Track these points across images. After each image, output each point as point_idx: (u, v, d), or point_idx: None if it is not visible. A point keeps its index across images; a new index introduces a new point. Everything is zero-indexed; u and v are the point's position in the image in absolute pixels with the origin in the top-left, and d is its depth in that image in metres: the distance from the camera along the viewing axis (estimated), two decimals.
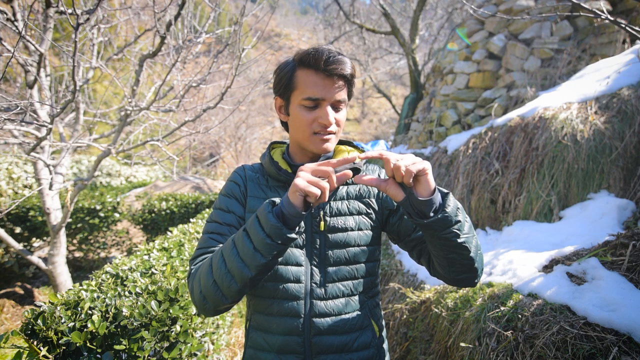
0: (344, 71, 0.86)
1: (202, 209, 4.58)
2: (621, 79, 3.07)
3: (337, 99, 0.88)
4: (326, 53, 0.86)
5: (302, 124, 0.90)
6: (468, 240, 0.79)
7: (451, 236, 0.76)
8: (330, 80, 0.87)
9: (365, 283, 0.96)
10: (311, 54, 0.87)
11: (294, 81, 0.90)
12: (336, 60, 0.85)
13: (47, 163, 2.49)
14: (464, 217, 0.79)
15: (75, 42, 1.67)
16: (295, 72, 0.90)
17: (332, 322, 0.91)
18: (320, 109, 0.88)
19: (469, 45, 5.58)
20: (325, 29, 12.48)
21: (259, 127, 15.59)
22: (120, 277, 1.54)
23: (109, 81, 4.19)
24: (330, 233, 0.93)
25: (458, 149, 4.08)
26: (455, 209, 0.76)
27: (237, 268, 0.77)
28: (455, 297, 2.11)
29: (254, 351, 0.96)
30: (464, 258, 0.80)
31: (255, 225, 0.76)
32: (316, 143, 0.91)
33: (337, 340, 0.91)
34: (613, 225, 2.23)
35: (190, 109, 3.50)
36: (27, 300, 3.77)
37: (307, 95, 0.87)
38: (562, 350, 1.35)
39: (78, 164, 8.95)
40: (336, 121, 0.91)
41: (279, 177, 0.96)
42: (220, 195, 1.03)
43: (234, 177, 1.02)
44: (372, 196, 0.99)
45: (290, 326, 0.90)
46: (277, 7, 10.79)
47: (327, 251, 0.92)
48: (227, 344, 2.52)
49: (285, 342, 0.90)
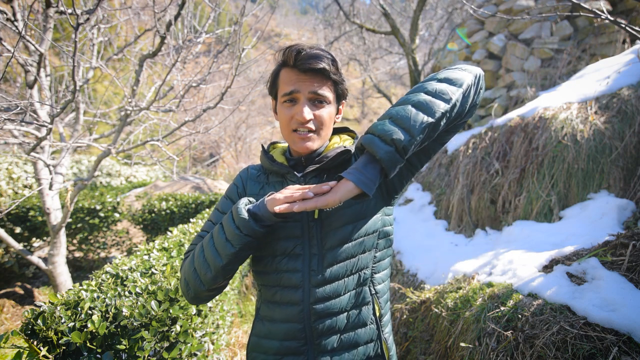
0: (316, 65, 0.85)
1: (202, 209, 4.58)
2: (621, 79, 3.07)
3: (312, 91, 0.87)
4: (299, 49, 0.86)
5: (284, 121, 0.91)
6: (407, 122, 0.74)
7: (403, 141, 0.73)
8: (304, 75, 0.87)
9: (365, 259, 0.94)
10: (285, 52, 0.88)
11: (277, 81, 0.93)
12: (309, 55, 0.85)
13: (47, 163, 2.49)
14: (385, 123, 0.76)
15: (75, 42, 1.67)
16: (279, 72, 0.92)
17: (332, 305, 0.91)
18: (297, 105, 0.88)
19: (469, 45, 5.58)
20: (325, 29, 12.47)
21: (259, 127, 15.58)
22: (120, 277, 1.54)
23: (109, 81, 4.19)
24: (326, 219, 0.92)
25: (458, 149, 4.08)
26: (372, 141, 0.75)
27: (212, 256, 0.85)
28: (455, 297, 2.11)
29: (257, 339, 0.98)
30: (430, 126, 0.75)
31: (229, 217, 0.85)
32: (296, 142, 0.91)
33: (337, 320, 0.92)
34: (613, 225, 2.23)
35: (190, 109, 3.49)
36: (27, 300, 3.77)
37: (284, 92, 0.89)
38: (562, 350, 1.35)
39: (78, 164, 8.94)
40: (316, 117, 0.89)
41: (272, 167, 0.97)
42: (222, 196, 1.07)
43: (235, 179, 1.07)
44: None
45: (291, 314, 0.91)
46: (277, 7, 10.80)
47: (324, 237, 0.92)
48: (227, 344, 2.52)
49: (287, 330, 0.92)
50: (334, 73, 0.89)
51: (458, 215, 3.53)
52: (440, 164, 4.37)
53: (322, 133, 0.92)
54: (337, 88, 0.94)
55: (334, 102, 0.94)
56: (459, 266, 2.54)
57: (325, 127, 0.92)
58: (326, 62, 0.86)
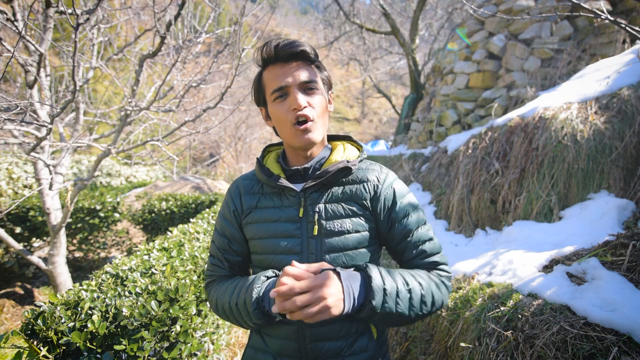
0: (297, 49, 0.85)
1: (202, 209, 4.58)
2: (621, 79, 3.07)
3: (301, 79, 0.86)
4: (275, 42, 0.86)
5: (280, 119, 0.89)
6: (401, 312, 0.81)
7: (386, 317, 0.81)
8: (288, 65, 0.87)
9: None
10: (263, 49, 0.88)
11: (262, 84, 0.92)
12: (287, 43, 0.86)
13: (47, 163, 2.49)
14: (395, 297, 0.81)
15: (75, 42, 1.67)
16: (262, 75, 0.92)
17: (328, 329, 0.89)
18: (290, 96, 0.87)
19: (469, 45, 5.58)
20: (325, 29, 12.48)
21: (259, 127, 15.57)
22: (120, 277, 1.54)
23: (109, 81, 4.19)
24: (326, 237, 0.89)
25: (458, 149, 4.08)
26: (380, 302, 0.79)
27: (238, 323, 0.91)
28: (455, 297, 2.11)
29: (253, 351, 0.97)
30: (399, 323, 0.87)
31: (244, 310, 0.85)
32: (298, 136, 0.88)
33: (334, 345, 0.90)
34: (613, 225, 2.23)
35: (190, 109, 3.49)
36: (27, 300, 3.76)
37: (272, 89, 0.88)
38: (562, 350, 1.35)
39: (78, 164, 8.94)
40: (310, 105, 0.88)
41: (270, 183, 0.93)
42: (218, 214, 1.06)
43: (226, 196, 1.05)
44: (368, 198, 0.94)
45: (287, 332, 0.90)
46: (277, 7, 10.78)
47: (324, 256, 0.89)
48: (227, 344, 2.52)
49: (283, 346, 0.91)
50: (315, 56, 0.90)
51: (458, 215, 3.53)
52: (440, 164, 4.37)
53: (319, 121, 0.90)
54: (322, 74, 0.93)
55: (323, 89, 0.93)
56: (459, 266, 2.54)
57: (321, 114, 0.90)
58: (305, 46, 0.87)
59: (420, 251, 0.94)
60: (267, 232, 0.93)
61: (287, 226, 0.91)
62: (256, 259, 0.97)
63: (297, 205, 0.92)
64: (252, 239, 0.96)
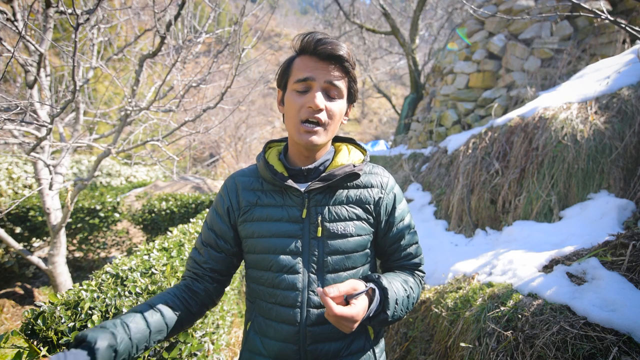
0: (335, 51, 0.83)
1: (202, 209, 4.58)
2: (621, 79, 3.07)
3: (328, 80, 0.85)
4: (320, 36, 0.85)
5: (291, 110, 0.88)
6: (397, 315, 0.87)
7: None
8: (322, 63, 0.85)
9: None
10: (305, 38, 0.86)
11: (290, 69, 0.90)
12: (330, 41, 0.84)
13: (47, 163, 2.49)
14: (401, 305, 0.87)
15: (75, 42, 1.67)
16: (294, 60, 0.90)
17: (328, 330, 0.89)
18: (310, 93, 0.85)
19: (469, 45, 5.58)
20: (325, 29, 12.47)
21: (259, 127, 15.58)
22: (120, 277, 1.54)
23: (109, 81, 4.19)
24: (329, 239, 0.89)
25: (458, 149, 4.08)
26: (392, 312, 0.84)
27: None
28: (455, 297, 2.11)
29: (250, 354, 0.95)
30: None
31: None
32: (301, 133, 0.86)
33: (332, 346, 0.90)
34: (613, 225, 2.23)
35: (190, 109, 3.49)
36: (27, 300, 3.77)
37: (297, 77, 0.86)
38: (562, 350, 1.35)
39: (78, 164, 8.94)
40: (327, 110, 0.86)
41: (274, 181, 0.91)
42: (210, 208, 1.03)
43: (221, 190, 1.01)
44: (372, 203, 0.95)
45: (287, 333, 0.89)
46: (277, 7, 10.79)
47: (326, 258, 0.89)
48: (227, 344, 2.52)
49: (282, 349, 0.89)
50: (352, 65, 0.88)
51: (458, 215, 3.53)
52: (440, 164, 4.37)
53: (329, 128, 0.88)
54: (351, 85, 0.92)
55: (345, 99, 0.91)
56: (459, 266, 2.54)
57: (333, 122, 0.89)
58: (345, 50, 0.85)
59: (407, 254, 1.02)
60: (269, 231, 0.91)
61: (290, 226, 0.90)
62: (253, 259, 0.94)
63: (300, 206, 0.91)
64: (249, 238, 0.94)
